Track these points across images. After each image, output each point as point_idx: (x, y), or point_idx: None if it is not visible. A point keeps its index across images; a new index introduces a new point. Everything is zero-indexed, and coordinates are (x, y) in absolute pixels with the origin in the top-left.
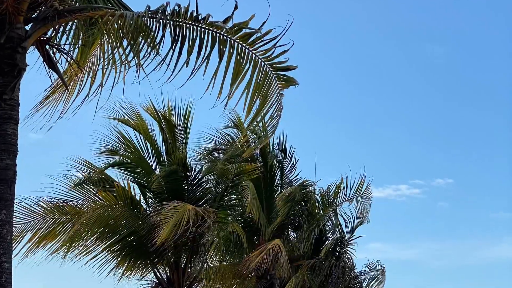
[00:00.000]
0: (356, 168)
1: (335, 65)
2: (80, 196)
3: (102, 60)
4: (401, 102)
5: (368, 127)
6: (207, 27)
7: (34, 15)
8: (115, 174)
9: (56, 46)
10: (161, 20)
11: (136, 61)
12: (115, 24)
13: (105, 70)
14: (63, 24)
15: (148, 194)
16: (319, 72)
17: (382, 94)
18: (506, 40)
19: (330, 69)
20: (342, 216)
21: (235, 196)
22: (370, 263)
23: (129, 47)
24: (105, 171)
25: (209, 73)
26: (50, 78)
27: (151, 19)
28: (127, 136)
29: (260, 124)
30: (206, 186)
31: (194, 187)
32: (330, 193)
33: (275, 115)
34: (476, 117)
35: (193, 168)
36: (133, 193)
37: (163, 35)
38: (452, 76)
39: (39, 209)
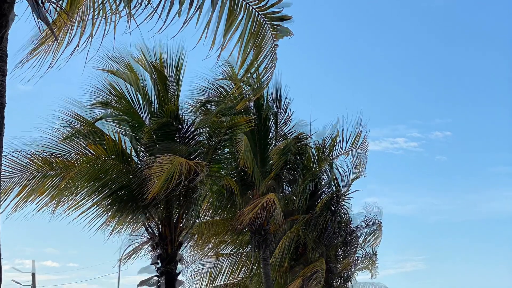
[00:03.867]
0: (352, 119)
1: (332, 10)
2: (69, 149)
3: (92, 10)
4: (399, 50)
5: (364, 76)
6: None
7: None
8: (105, 126)
9: None
10: None
11: (127, 11)
12: None
13: (95, 20)
14: None
15: (139, 147)
16: (315, 19)
17: (379, 42)
18: None
19: (326, 15)
20: (338, 169)
21: (228, 149)
22: (367, 218)
23: None
24: (95, 123)
25: (201, 24)
26: (39, 29)
27: None
28: (118, 88)
29: (254, 76)
30: (199, 139)
31: (187, 140)
32: (326, 146)
33: (269, 66)
34: (475, 66)
35: (186, 120)
36: (124, 146)
37: None
38: (451, 22)
39: (28, 163)
